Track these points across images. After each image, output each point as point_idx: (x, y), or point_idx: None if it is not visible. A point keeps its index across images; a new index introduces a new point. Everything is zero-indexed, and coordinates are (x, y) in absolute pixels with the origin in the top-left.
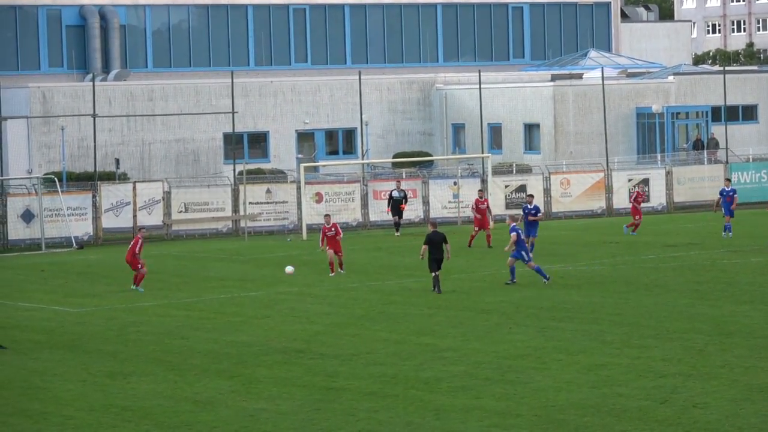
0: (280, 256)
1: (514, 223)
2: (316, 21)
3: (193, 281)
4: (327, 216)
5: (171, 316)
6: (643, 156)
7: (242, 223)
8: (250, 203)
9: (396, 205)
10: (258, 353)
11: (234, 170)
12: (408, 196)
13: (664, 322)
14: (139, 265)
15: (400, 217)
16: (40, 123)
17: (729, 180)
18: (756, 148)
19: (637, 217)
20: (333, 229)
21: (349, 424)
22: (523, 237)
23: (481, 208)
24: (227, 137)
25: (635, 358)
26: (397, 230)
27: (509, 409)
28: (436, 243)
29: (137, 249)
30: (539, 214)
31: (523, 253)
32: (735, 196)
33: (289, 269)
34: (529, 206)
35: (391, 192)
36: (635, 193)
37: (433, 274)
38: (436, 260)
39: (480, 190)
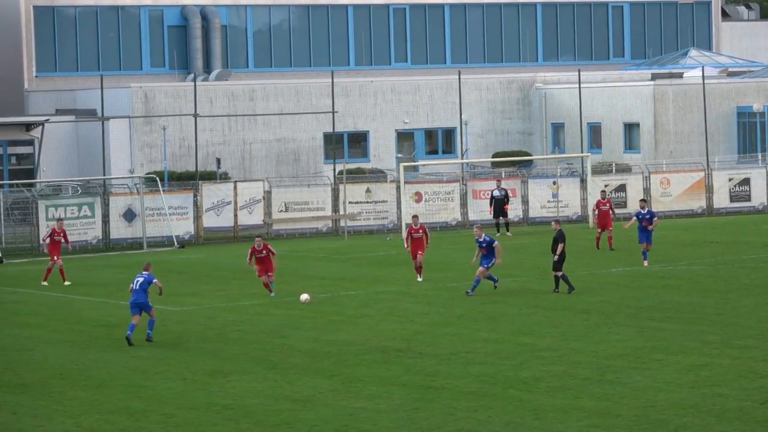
0: (380, 255)
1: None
2: (415, 21)
3: (293, 280)
4: (415, 217)
5: (271, 315)
6: (744, 155)
7: (342, 223)
8: (349, 203)
9: (498, 205)
10: (357, 352)
11: (334, 170)
12: (509, 195)
13: (765, 322)
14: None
15: (504, 216)
16: (141, 123)
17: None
18: None
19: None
20: (420, 231)
21: (448, 424)
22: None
23: (602, 209)
24: (327, 137)
25: (735, 358)
26: (507, 230)
27: (608, 410)
28: (564, 241)
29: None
30: (655, 219)
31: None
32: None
33: (304, 297)
34: (642, 212)
35: (492, 191)
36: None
37: (557, 274)
38: (563, 260)
39: (602, 191)
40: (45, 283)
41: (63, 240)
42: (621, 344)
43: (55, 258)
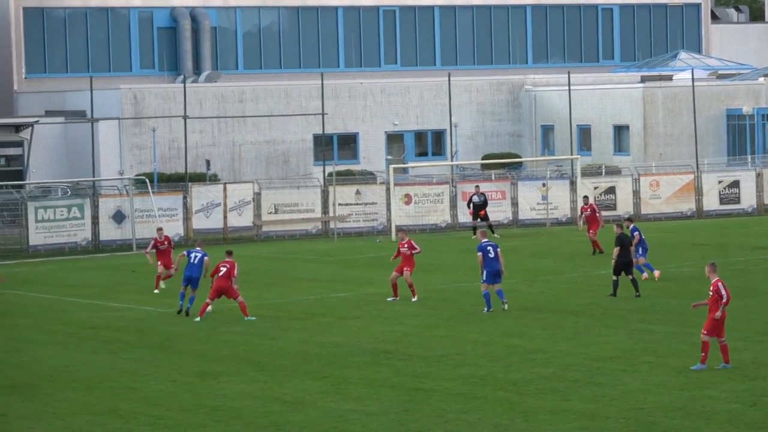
0: (370, 257)
1: (485, 240)
2: (405, 22)
3: (282, 282)
4: (401, 232)
5: (261, 316)
6: (733, 158)
7: (332, 225)
8: (339, 204)
9: (477, 210)
10: (347, 354)
11: (324, 171)
12: (488, 200)
13: (755, 324)
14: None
15: (483, 219)
16: (131, 124)
17: (587, 197)
18: None
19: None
20: (407, 246)
21: (438, 426)
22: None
23: (586, 214)
24: (317, 139)
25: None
26: (493, 232)
27: (598, 412)
28: (626, 245)
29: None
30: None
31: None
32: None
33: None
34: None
35: (471, 196)
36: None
37: (615, 278)
38: (623, 264)
39: (584, 197)
40: (157, 291)
41: (168, 246)
42: (611, 346)
43: (168, 267)
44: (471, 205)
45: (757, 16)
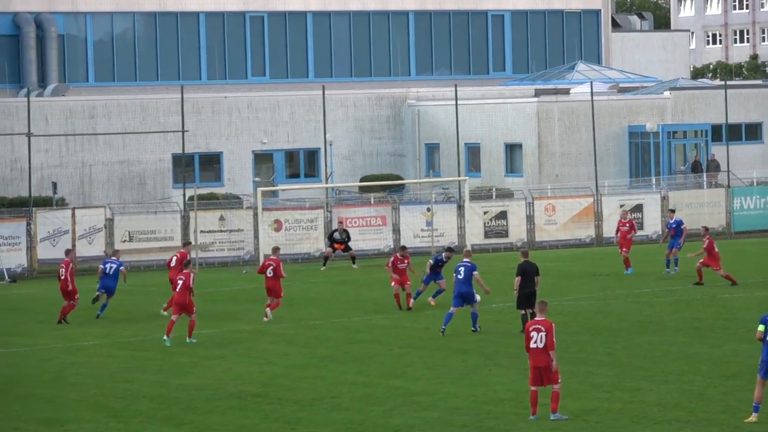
0: (235, 290)
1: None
2: (275, 30)
3: (138, 318)
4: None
5: (114, 356)
6: (637, 179)
7: (193, 254)
8: (201, 231)
9: (332, 244)
10: (210, 398)
11: (184, 195)
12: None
13: (660, 362)
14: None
15: (344, 251)
16: None
17: (673, 211)
18: (760, 170)
19: (624, 250)
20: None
21: None
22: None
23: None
24: (176, 159)
25: (628, 402)
26: (354, 262)
27: None
28: (528, 274)
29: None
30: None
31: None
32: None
33: None
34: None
35: (333, 233)
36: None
37: (522, 311)
38: (526, 295)
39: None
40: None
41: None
42: (502, 387)
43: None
44: (331, 239)
45: (662, 24)
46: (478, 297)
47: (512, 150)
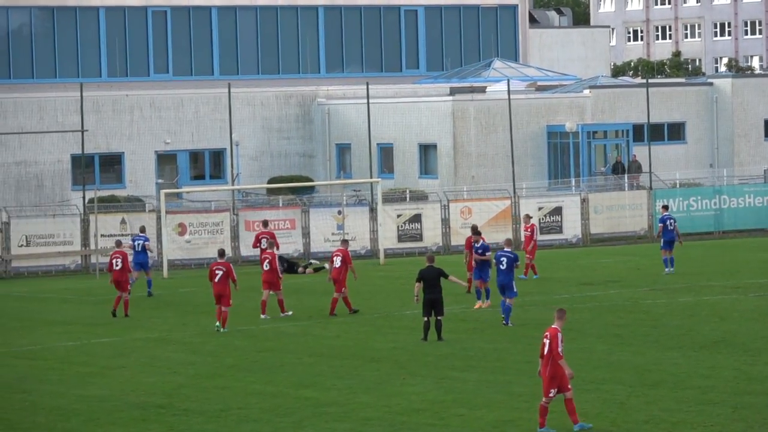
0: (137, 297)
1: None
2: (178, 25)
3: (36, 326)
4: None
5: (10, 366)
6: (555, 181)
7: (93, 259)
8: (102, 236)
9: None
10: (112, 409)
11: (84, 198)
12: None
13: (580, 371)
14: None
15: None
16: None
17: (666, 207)
18: (683, 171)
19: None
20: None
21: None
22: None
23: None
24: (76, 160)
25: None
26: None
27: None
28: (429, 280)
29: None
30: (487, 253)
31: None
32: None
33: None
34: (476, 245)
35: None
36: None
37: (426, 319)
38: (430, 302)
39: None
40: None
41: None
42: (417, 397)
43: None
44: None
45: (582, 20)
46: (516, 290)
47: (426, 150)
